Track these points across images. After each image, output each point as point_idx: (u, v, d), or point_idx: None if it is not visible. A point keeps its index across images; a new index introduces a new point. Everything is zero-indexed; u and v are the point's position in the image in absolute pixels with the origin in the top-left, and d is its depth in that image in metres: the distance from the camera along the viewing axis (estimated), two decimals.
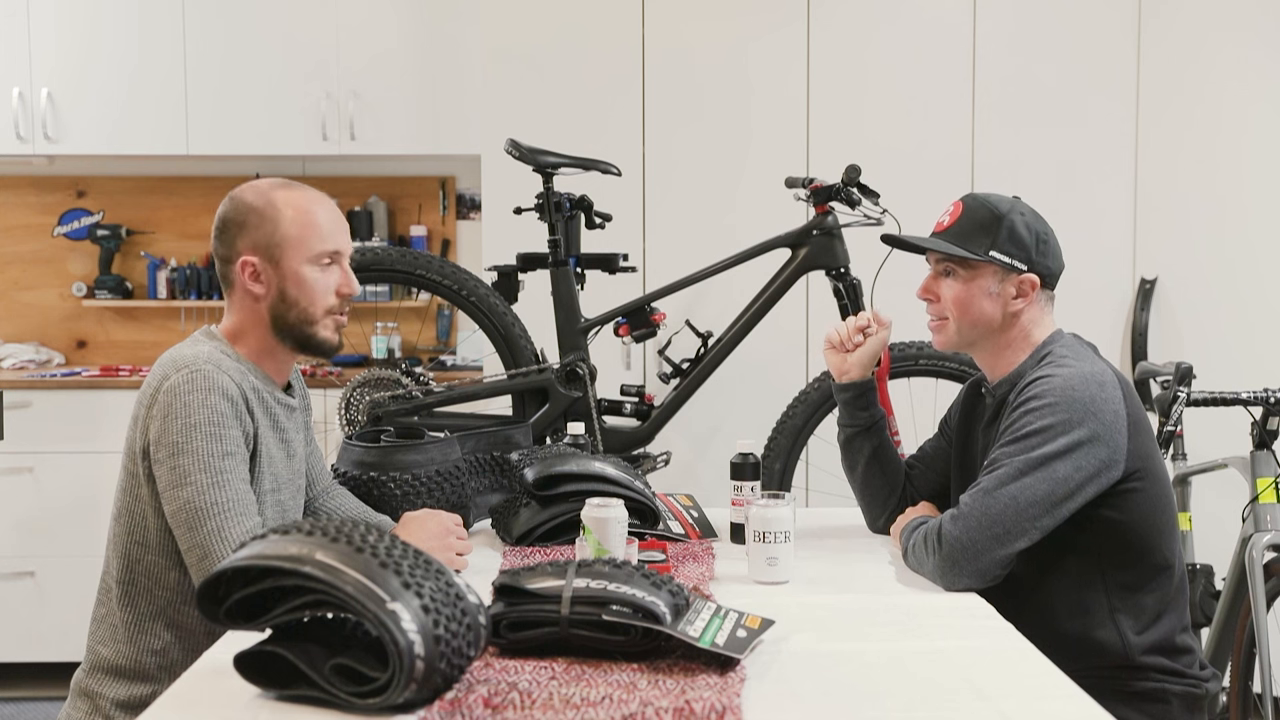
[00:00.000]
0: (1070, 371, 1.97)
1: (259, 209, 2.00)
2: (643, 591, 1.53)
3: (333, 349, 2.08)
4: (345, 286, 2.06)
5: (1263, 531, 2.70)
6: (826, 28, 3.81)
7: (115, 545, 1.99)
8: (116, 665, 1.96)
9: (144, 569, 1.96)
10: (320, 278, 2.03)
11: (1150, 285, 3.80)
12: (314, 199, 2.05)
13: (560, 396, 3.13)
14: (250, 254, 2.00)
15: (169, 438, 1.89)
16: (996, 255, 2.05)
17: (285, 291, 2.01)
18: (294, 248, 2.00)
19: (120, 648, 1.96)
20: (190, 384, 1.90)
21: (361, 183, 4.70)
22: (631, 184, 3.72)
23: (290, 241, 2.00)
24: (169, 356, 1.98)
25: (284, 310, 2.02)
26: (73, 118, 4.37)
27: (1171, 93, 3.82)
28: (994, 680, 1.51)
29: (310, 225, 2.01)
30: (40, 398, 4.16)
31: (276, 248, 2.00)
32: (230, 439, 1.91)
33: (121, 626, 1.97)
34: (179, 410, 1.89)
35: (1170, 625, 2.00)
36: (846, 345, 2.31)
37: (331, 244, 2.03)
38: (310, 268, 2.01)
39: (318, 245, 2.02)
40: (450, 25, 4.35)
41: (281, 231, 2.00)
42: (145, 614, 1.96)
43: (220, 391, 1.91)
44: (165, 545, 1.94)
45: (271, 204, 2.00)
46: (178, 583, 1.95)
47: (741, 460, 2.22)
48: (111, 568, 2.00)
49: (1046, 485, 1.91)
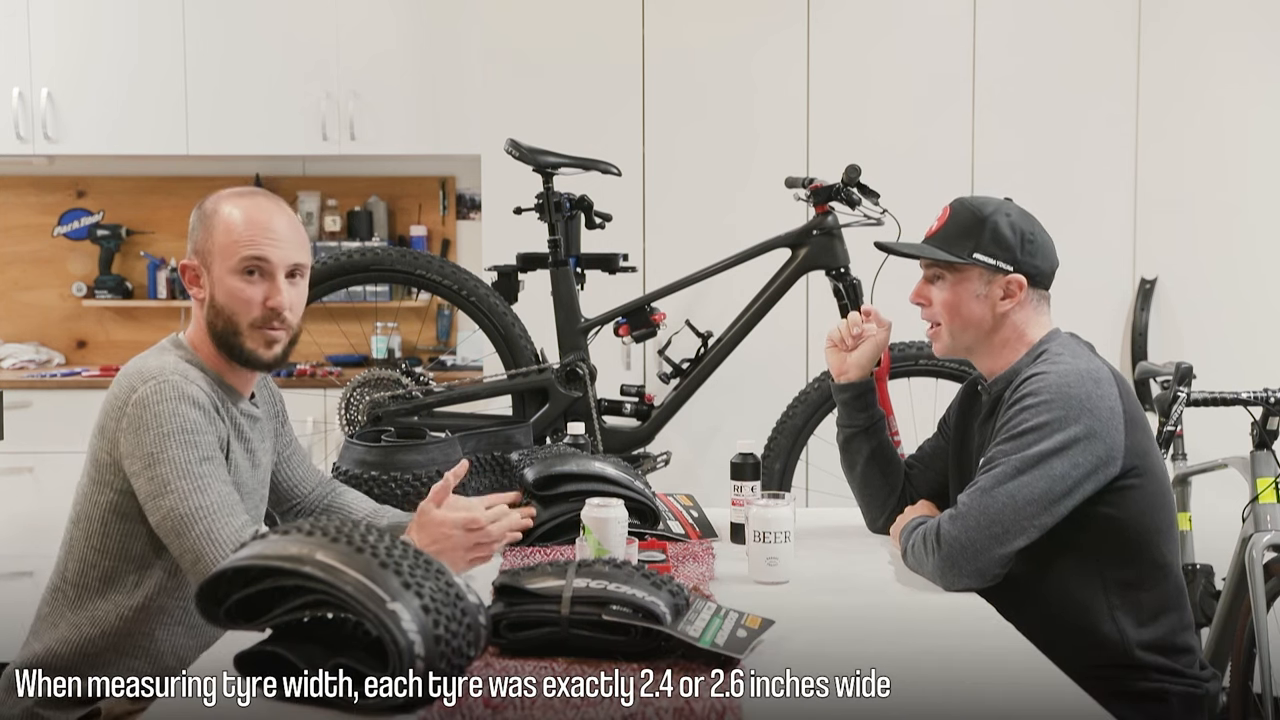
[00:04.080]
0: (1065, 368, 1.98)
1: (205, 214, 2.00)
2: (643, 591, 1.53)
3: (262, 363, 2.01)
4: (272, 299, 1.98)
5: (1263, 531, 2.70)
6: (827, 28, 3.81)
7: (70, 548, 1.98)
8: (49, 664, 1.94)
9: (99, 574, 1.96)
10: (243, 287, 1.97)
11: (1150, 285, 3.80)
12: (257, 207, 1.99)
13: (560, 396, 3.13)
14: (191, 259, 2.01)
15: (143, 450, 1.88)
16: (980, 257, 2.06)
17: (215, 299, 2.00)
18: (221, 255, 1.98)
19: (55, 647, 1.95)
20: (159, 394, 1.89)
21: (361, 183, 4.70)
22: (631, 184, 3.72)
23: (219, 248, 1.98)
24: (134, 368, 1.96)
25: (214, 319, 2.00)
26: (73, 118, 4.36)
27: (1171, 93, 3.82)
28: (994, 680, 1.51)
29: (235, 233, 1.96)
30: (40, 398, 4.16)
31: (209, 254, 1.99)
32: (205, 444, 1.90)
33: (65, 627, 1.96)
34: (149, 422, 1.88)
35: (1170, 624, 2.00)
36: (846, 341, 2.31)
37: (254, 251, 1.97)
38: (234, 277, 1.97)
39: (240, 252, 1.96)
40: (450, 25, 4.35)
41: (213, 238, 1.98)
42: (91, 618, 1.95)
43: (190, 400, 1.90)
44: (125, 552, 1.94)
45: (214, 209, 1.99)
46: (131, 588, 1.95)
47: (741, 460, 2.22)
48: (67, 569, 1.99)
49: (1044, 483, 1.91)
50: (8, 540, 4.14)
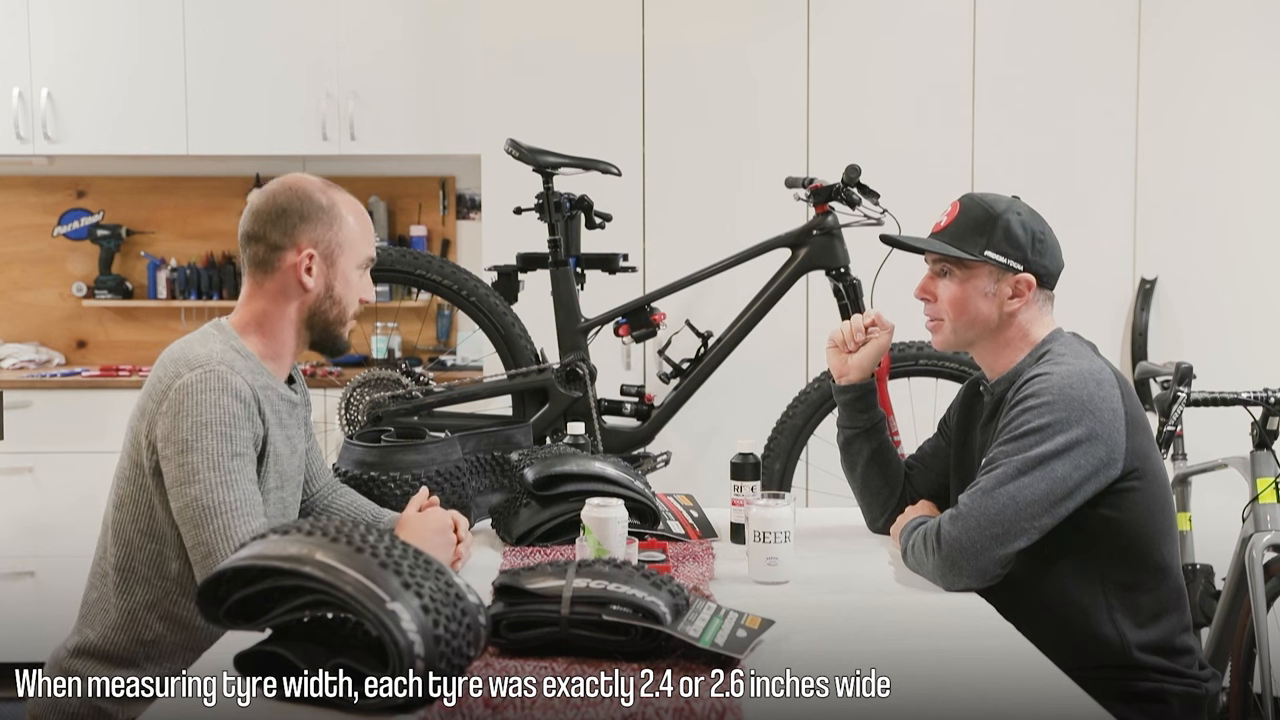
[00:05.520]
0: (1067, 369, 1.97)
1: (325, 207, 2.05)
2: (643, 591, 1.53)
3: (346, 349, 2.18)
4: (369, 294, 2.15)
5: (1263, 531, 2.70)
6: (827, 28, 3.81)
7: (116, 532, 1.99)
8: (104, 650, 1.96)
9: (145, 557, 1.96)
10: (361, 283, 2.12)
11: (1150, 285, 3.81)
12: (361, 206, 2.15)
13: (560, 396, 3.13)
14: (311, 247, 2.04)
15: (179, 435, 1.89)
16: (991, 255, 2.05)
17: (334, 289, 2.07)
18: (352, 250, 2.08)
19: (110, 634, 1.96)
20: (204, 383, 1.91)
21: (361, 183, 4.69)
22: (631, 184, 3.72)
23: (350, 243, 2.08)
24: (180, 353, 1.97)
25: (327, 308, 2.08)
26: (73, 118, 4.37)
27: (1171, 93, 3.82)
28: (994, 680, 1.51)
29: (367, 232, 2.12)
30: (40, 398, 4.16)
31: (338, 246, 2.06)
32: (240, 440, 1.91)
33: (115, 613, 1.97)
34: (190, 409, 1.89)
35: (1170, 625, 2.00)
36: (849, 345, 2.31)
37: (372, 251, 2.14)
38: (358, 273, 2.10)
39: (367, 251, 2.11)
40: (450, 25, 4.35)
41: (345, 233, 2.07)
42: (141, 603, 1.96)
43: (233, 393, 1.92)
44: (170, 536, 1.94)
45: (335, 204, 2.07)
46: (178, 574, 1.95)
47: (741, 460, 2.22)
48: (109, 554, 1.99)
49: (1045, 484, 1.91)
50: (8, 540, 4.14)
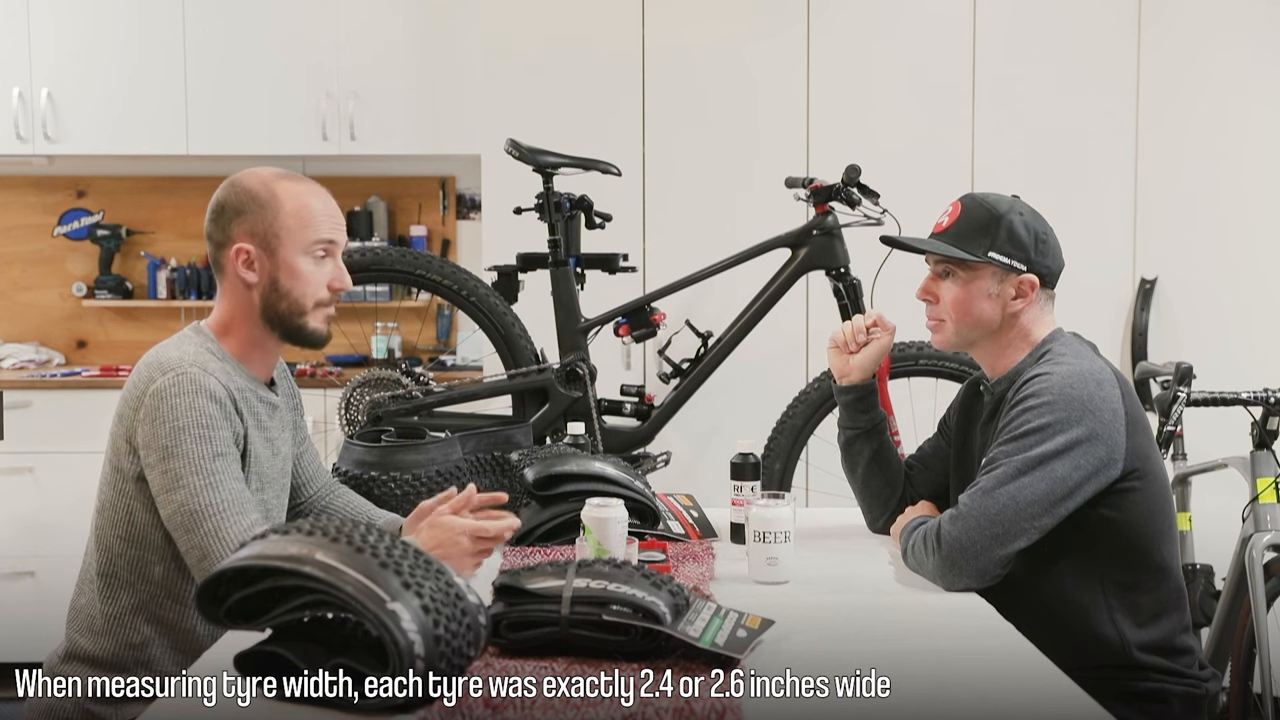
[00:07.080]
0: (1068, 369, 1.97)
1: (259, 197, 2.00)
2: (643, 591, 1.53)
3: (322, 340, 2.10)
4: (337, 281, 2.05)
5: (1263, 531, 2.70)
6: (827, 28, 3.81)
7: (99, 538, 1.99)
8: (93, 655, 1.96)
9: (126, 562, 1.96)
10: (313, 270, 2.03)
11: (1150, 285, 3.81)
12: (314, 190, 2.05)
13: (560, 396, 3.13)
14: (246, 240, 2.00)
15: (158, 442, 1.89)
16: (995, 256, 2.04)
17: (278, 281, 2.01)
18: (290, 237, 2.00)
19: (99, 639, 1.96)
20: (177, 387, 1.90)
21: (361, 183, 4.70)
22: (631, 184, 3.72)
23: (287, 231, 2.00)
24: (154, 357, 1.97)
25: (275, 300, 2.02)
26: (73, 118, 4.37)
27: (1171, 93, 3.82)
28: (994, 680, 1.51)
29: (308, 216, 2.01)
30: (40, 398, 4.16)
31: (274, 236, 2.00)
32: (220, 440, 1.91)
33: (100, 618, 1.97)
34: (166, 414, 1.89)
35: (1170, 625, 2.00)
36: (851, 346, 2.30)
37: (326, 235, 2.03)
38: (304, 259, 2.02)
39: (313, 235, 2.02)
40: (450, 25, 4.35)
41: (280, 221, 2.00)
42: (126, 607, 1.96)
43: (207, 394, 1.91)
44: (152, 541, 1.94)
45: (272, 193, 2.00)
46: (162, 577, 1.95)
47: (741, 460, 2.22)
48: (93, 559, 2.00)
49: (1045, 484, 1.91)
50: (8, 540, 4.14)
